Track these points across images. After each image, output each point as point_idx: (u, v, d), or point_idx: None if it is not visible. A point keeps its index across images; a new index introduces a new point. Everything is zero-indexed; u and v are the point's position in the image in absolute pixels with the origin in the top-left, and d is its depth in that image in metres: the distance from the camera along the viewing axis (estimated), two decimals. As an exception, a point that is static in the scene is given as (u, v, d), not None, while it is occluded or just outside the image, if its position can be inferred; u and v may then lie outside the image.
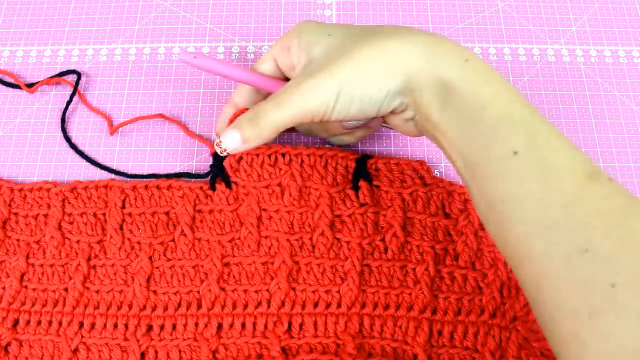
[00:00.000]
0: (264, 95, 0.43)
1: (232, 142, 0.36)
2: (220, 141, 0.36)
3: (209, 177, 0.43)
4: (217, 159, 0.42)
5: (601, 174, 0.29)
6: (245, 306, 0.40)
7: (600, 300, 0.26)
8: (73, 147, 0.46)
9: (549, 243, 0.28)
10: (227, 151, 0.36)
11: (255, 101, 0.42)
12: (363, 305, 0.40)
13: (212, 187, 0.42)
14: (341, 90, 0.34)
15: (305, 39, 0.37)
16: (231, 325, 0.40)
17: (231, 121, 0.39)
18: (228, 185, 0.42)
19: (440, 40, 0.34)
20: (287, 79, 0.41)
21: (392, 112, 0.36)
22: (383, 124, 0.43)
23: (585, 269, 0.27)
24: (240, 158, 0.41)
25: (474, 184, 0.32)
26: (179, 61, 0.43)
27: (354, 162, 0.42)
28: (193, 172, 0.45)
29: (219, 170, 0.42)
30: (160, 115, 0.46)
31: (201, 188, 0.42)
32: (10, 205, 0.43)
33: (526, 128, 0.30)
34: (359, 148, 0.46)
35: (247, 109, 0.38)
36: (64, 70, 0.49)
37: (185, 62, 0.40)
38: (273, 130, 0.36)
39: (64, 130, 0.46)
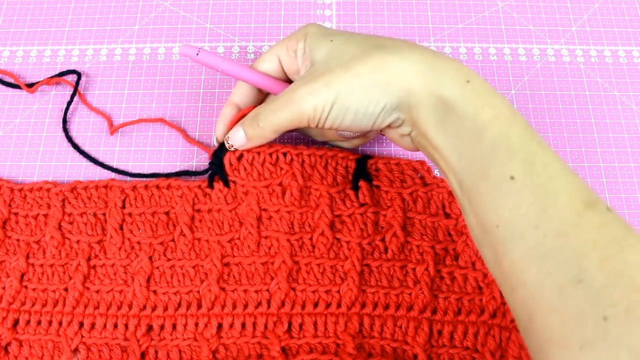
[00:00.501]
0: (263, 94, 0.43)
1: (237, 138, 0.40)
2: (228, 137, 0.40)
3: (208, 174, 0.43)
4: (217, 156, 0.42)
5: (599, 202, 0.29)
6: (245, 306, 0.40)
7: (592, 333, 0.26)
8: (75, 147, 0.46)
9: (542, 272, 0.28)
10: (234, 147, 0.40)
11: (255, 100, 0.42)
12: (363, 305, 0.40)
13: (210, 185, 0.42)
14: (337, 100, 0.34)
15: (309, 44, 0.37)
16: (231, 325, 0.40)
17: (238, 118, 0.40)
18: (226, 183, 0.42)
19: (441, 58, 0.33)
20: (288, 79, 0.41)
21: (389, 127, 0.36)
22: (380, 133, 0.43)
23: (578, 300, 0.26)
24: (241, 155, 0.41)
25: (469, 206, 0.32)
26: (181, 54, 0.43)
27: (354, 162, 0.42)
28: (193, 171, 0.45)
29: (217, 167, 0.42)
30: (161, 120, 0.46)
31: (199, 187, 0.42)
32: (10, 205, 0.43)
33: (525, 152, 0.30)
34: (359, 148, 0.46)
35: (253, 107, 0.39)
36: (64, 70, 0.49)
37: (186, 56, 0.40)
38: (272, 131, 0.38)
39: (65, 130, 0.46)
